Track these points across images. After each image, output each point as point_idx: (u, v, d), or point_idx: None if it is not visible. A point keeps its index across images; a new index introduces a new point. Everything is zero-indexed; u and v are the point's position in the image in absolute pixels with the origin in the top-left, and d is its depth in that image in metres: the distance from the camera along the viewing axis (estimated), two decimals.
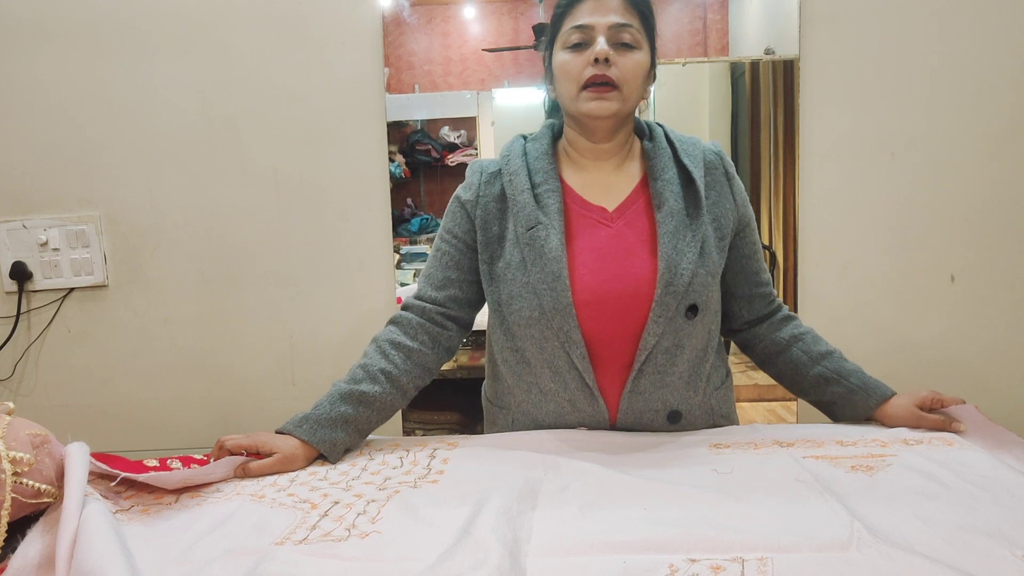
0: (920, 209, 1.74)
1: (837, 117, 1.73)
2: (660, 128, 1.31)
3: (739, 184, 1.28)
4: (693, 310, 1.18)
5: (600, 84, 1.17)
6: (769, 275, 1.34)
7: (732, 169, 1.28)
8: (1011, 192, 1.72)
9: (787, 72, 1.85)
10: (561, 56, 1.20)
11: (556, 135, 1.31)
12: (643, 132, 1.30)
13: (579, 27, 1.18)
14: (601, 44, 1.16)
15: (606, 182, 1.26)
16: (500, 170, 1.27)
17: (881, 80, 1.71)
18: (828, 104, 1.73)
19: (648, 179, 1.24)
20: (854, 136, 1.73)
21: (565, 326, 1.16)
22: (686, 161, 1.23)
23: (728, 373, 1.33)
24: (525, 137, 1.31)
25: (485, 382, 1.39)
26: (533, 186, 1.23)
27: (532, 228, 1.19)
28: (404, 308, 1.30)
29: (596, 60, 1.16)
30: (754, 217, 1.31)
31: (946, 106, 1.71)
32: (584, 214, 1.23)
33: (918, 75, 1.70)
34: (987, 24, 1.68)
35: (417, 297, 1.30)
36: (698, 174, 1.22)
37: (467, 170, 1.31)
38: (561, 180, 1.25)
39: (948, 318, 1.76)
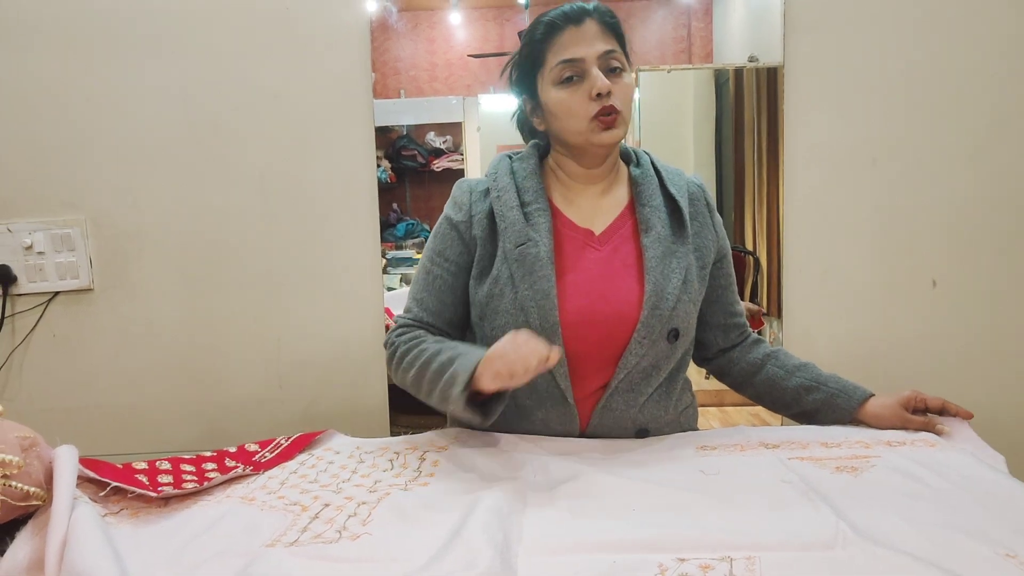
0: (902, 214, 1.76)
1: (820, 124, 1.75)
2: (647, 156, 1.32)
3: (718, 216, 1.32)
4: (675, 334, 1.20)
5: (607, 115, 1.16)
6: (742, 306, 1.37)
7: (713, 202, 1.32)
8: (992, 197, 1.74)
9: (771, 79, 1.87)
10: (556, 94, 1.19)
11: (542, 154, 1.31)
12: (629, 158, 1.32)
13: (568, 61, 1.17)
14: (601, 78, 1.15)
15: (593, 205, 1.27)
16: (487, 189, 1.26)
17: (863, 87, 1.73)
18: (811, 111, 1.75)
19: (635, 205, 1.26)
20: (836, 142, 1.75)
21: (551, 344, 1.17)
22: (672, 190, 1.25)
23: (693, 398, 1.34)
24: (511, 156, 1.31)
25: None
26: (522, 204, 1.23)
27: (522, 245, 1.19)
28: (401, 326, 1.27)
29: (599, 95, 1.15)
30: (730, 249, 1.34)
31: (927, 112, 1.73)
32: (572, 235, 1.24)
33: (899, 82, 1.73)
34: (967, 32, 1.71)
35: (413, 319, 1.28)
36: (684, 203, 1.25)
37: (454, 190, 1.30)
38: (549, 201, 1.25)
39: (930, 322, 1.78)
